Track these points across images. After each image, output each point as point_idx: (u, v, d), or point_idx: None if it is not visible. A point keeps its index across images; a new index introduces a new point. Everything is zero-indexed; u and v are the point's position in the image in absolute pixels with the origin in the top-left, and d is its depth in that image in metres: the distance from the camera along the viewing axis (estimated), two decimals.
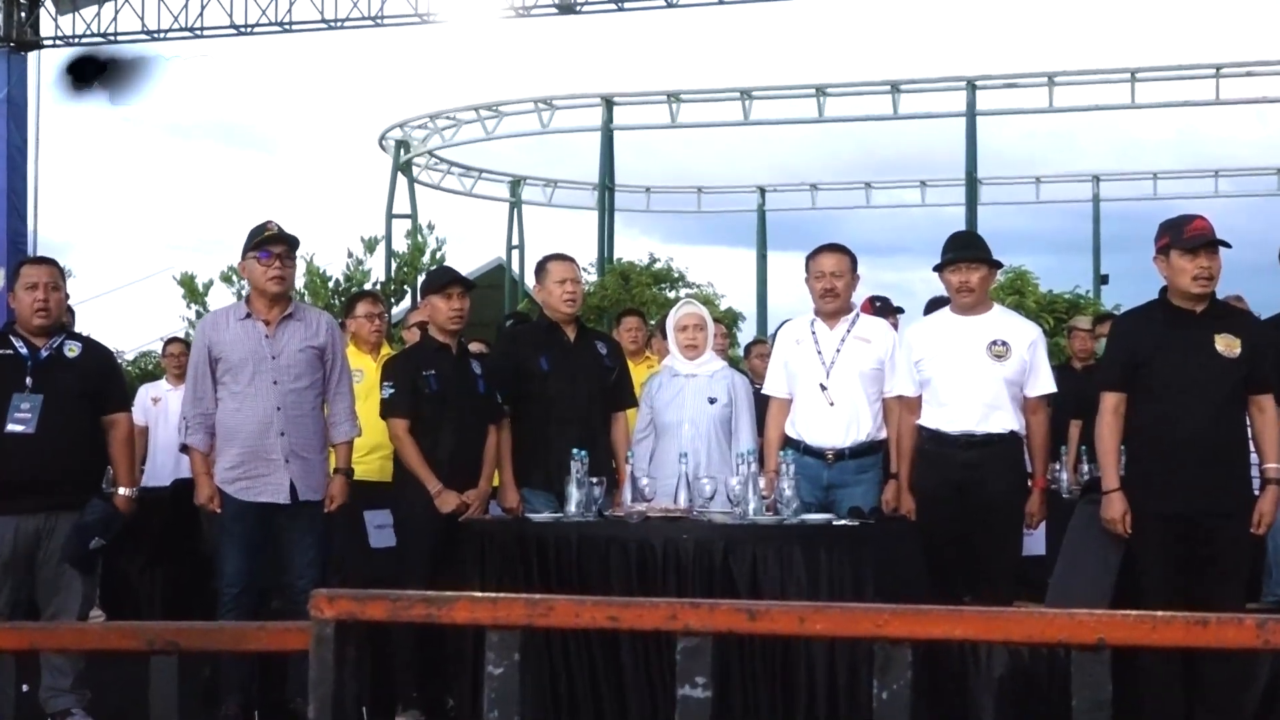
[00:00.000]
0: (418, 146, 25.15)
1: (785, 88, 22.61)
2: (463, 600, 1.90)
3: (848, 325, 5.54)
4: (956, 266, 5.22)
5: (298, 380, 5.16)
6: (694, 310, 5.99)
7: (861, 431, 5.45)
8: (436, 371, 5.53)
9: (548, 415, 5.70)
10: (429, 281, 5.80)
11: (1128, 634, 1.77)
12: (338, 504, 5.25)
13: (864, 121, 22.96)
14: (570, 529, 4.85)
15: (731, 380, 5.88)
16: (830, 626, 1.85)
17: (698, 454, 5.64)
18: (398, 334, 13.11)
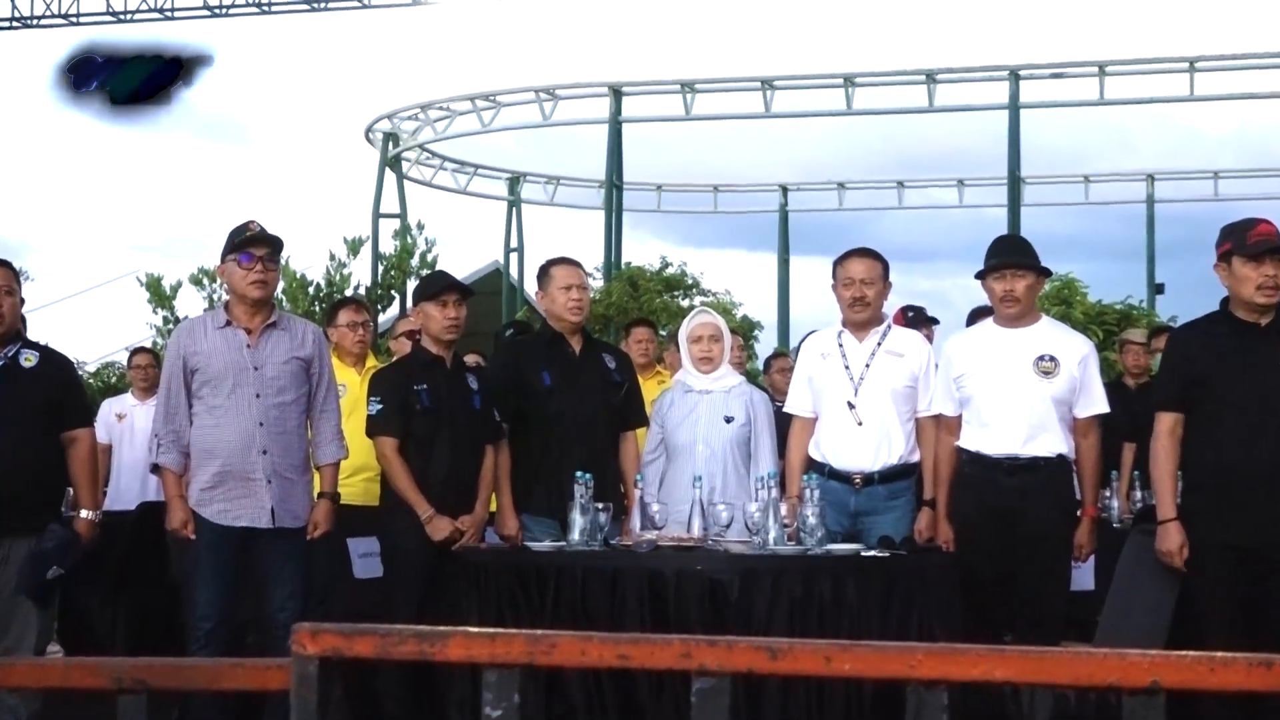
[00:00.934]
0: (407, 140, 25.22)
1: (810, 77, 22.65)
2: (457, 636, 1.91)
3: (878, 337, 5.55)
4: (1001, 273, 5.22)
5: (282, 394, 5.18)
6: (709, 320, 6.00)
7: (893, 454, 5.45)
8: (429, 386, 5.54)
9: (550, 435, 5.71)
10: (422, 287, 5.82)
11: (1184, 676, 1.77)
12: (322, 531, 5.26)
13: (896, 114, 22.98)
14: (574, 559, 4.85)
15: (750, 397, 5.89)
16: (859, 667, 1.85)
17: (713, 478, 5.64)
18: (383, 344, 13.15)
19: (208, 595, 5.05)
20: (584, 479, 5.06)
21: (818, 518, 4.84)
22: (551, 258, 5.98)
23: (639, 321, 8.48)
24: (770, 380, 8.96)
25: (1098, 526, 5.33)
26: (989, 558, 5.11)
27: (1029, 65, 21.79)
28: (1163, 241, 24.93)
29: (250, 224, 5.21)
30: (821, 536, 4.83)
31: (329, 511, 5.29)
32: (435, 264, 17.66)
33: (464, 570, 5.09)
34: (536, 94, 23.33)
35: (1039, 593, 5.09)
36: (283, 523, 5.12)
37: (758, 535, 4.83)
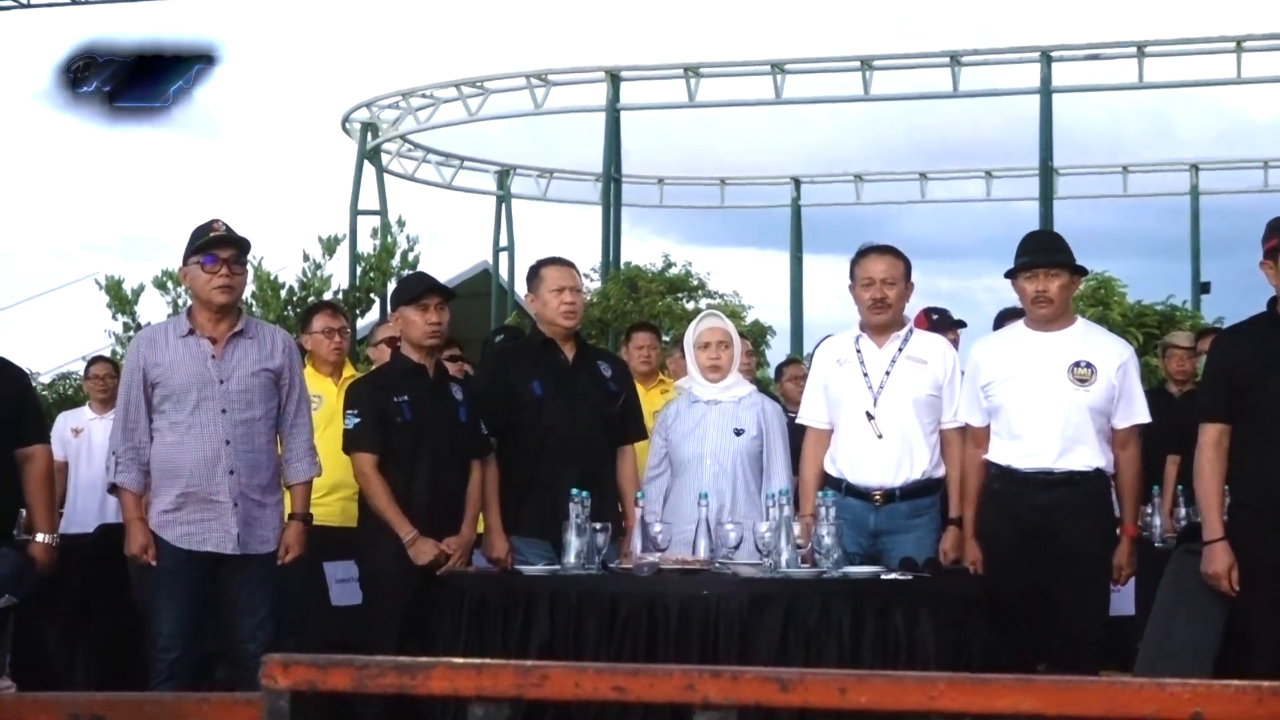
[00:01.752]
0: (388, 130, 25.25)
1: (825, 60, 22.66)
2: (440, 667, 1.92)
3: (899, 342, 5.55)
4: (1033, 272, 5.23)
5: (249, 409, 5.19)
6: (717, 324, 6.01)
7: (915, 469, 5.46)
8: (410, 397, 5.55)
9: (542, 449, 5.72)
10: (401, 290, 5.83)
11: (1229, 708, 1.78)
12: (294, 555, 5.26)
13: (918, 100, 23.00)
14: (569, 584, 4.86)
15: (761, 407, 5.89)
16: (877, 698, 1.85)
17: (721, 495, 5.65)
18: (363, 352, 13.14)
19: (170, 625, 5.05)
20: (579, 497, 5.07)
21: (834, 538, 4.84)
22: (543, 257, 5.98)
23: (639, 326, 8.49)
24: (783, 389, 8.97)
25: (1138, 546, 5.33)
26: (1020, 580, 5.11)
27: (1062, 46, 21.79)
28: (1208, 237, 24.94)
29: (214, 223, 5.22)
30: (838, 558, 4.83)
31: (301, 534, 5.29)
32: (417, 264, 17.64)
33: (449, 597, 5.10)
34: (527, 80, 23.35)
35: (1074, 618, 5.09)
36: (250, 548, 5.13)
37: (769, 557, 4.83)
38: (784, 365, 9.48)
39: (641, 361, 7.67)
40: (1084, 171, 25.33)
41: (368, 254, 18.51)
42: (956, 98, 22.29)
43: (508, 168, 27.22)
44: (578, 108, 23.89)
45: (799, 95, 22.78)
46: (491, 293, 25.92)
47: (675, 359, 7.87)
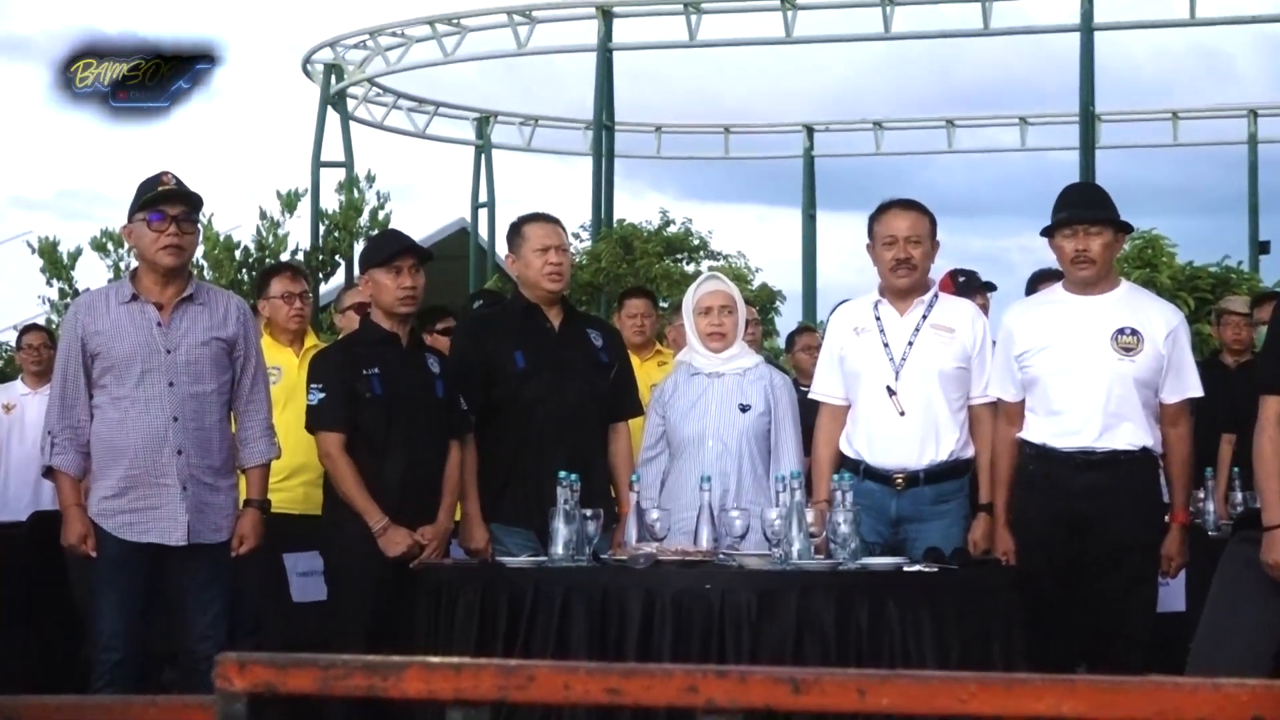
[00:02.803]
0: (354, 73, 25.18)
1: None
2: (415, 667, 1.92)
3: (924, 308, 5.55)
4: (1073, 230, 5.23)
5: (199, 382, 5.18)
6: (719, 287, 6.00)
7: (941, 449, 5.46)
8: (381, 369, 5.55)
9: (525, 427, 5.73)
10: (372, 250, 5.83)
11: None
12: (249, 546, 5.27)
13: (945, 39, 22.94)
14: (556, 577, 4.86)
15: (769, 381, 5.89)
16: (900, 701, 1.86)
17: (725, 478, 5.65)
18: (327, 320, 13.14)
19: (112, 624, 5.05)
20: (568, 480, 5.07)
21: (851, 526, 4.85)
22: (526, 214, 5.98)
23: (633, 291, 8.48)
24: (794, 360, 8.98)
25: (1190, 534, 5.34)
26: (1058, 573, 5.13)
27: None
28: (1267, 190, 24.89)
29: (163, 176, 5.20)
30: (856, 548, 4.83)
31: (257, 522, 5.29)
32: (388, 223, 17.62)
33: (424, 591, 5.10)
34: (509, 16, 23.27)
35: (1119, 614, 5.10)
36: (200, 538, 5.14)
37: (779, 547, 4.84)
38: (795, 334, 9.47)
39: (635, 330, 7.67)
40: (1129, 118, 25.28)
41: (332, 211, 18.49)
42: (987, 35, 22.22)
43: (487, 114, 27.16)
44: (566, 47, 23.82)
45: (812, 33, 22.70)
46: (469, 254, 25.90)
47: (675, 327, 7.87)
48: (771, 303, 23.18)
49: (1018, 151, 26.72)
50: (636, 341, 7.54)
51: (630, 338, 7.27)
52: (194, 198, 5.23)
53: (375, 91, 25.98)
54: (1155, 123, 25.69)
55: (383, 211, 18.02)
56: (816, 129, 26.67)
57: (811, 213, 26.13)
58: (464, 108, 27.18)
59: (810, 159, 26.42)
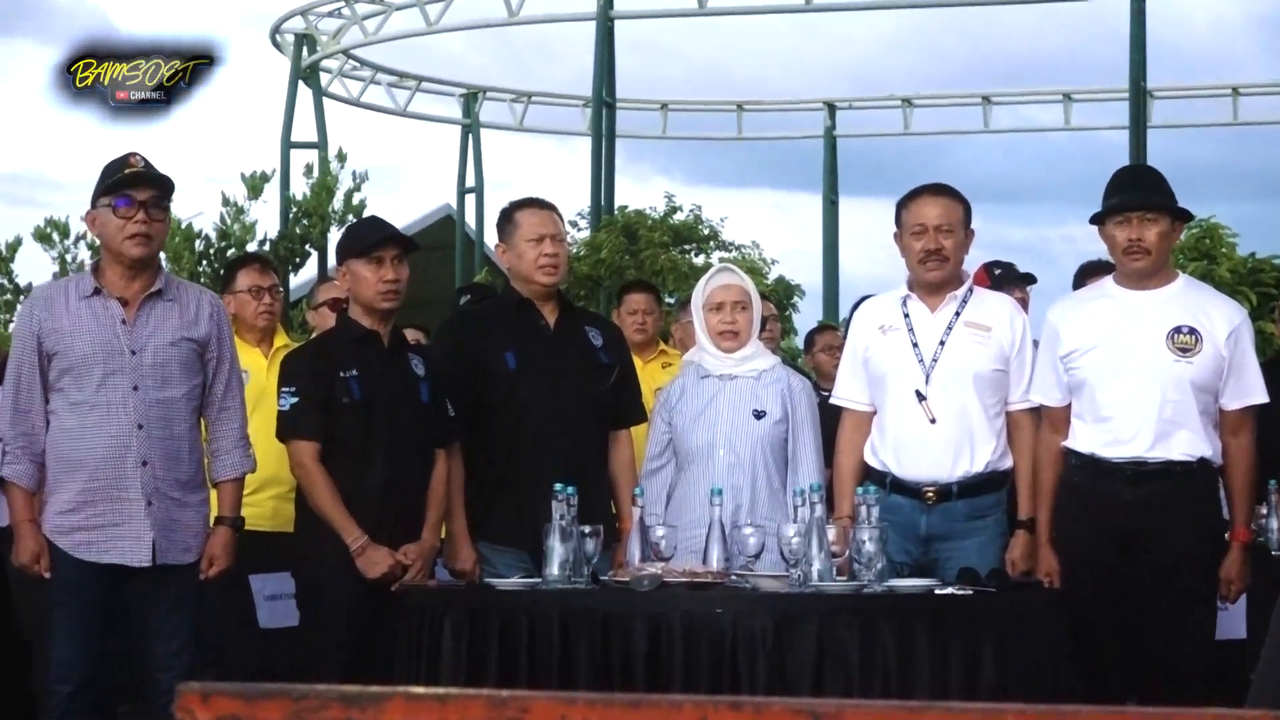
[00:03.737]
0: (328, 44, 25.19)
1: None
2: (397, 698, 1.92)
3: (957, 304, 5.56)
4: (1125, 217, 5.24)
5: (167, 386, 5.19)
6: (732, 281, 6.00)
7: (977, 459, 5.47)
8: (360, 371, 5.56)
9: (517, 435, 5.73)
10: (350, 240, 5.83)
11: None
12: (220, 568, 5.28)
13: (980, 5, 22.94)
14: (551, 600, 4.87)
15: (787, 384, 5.90)
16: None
17: (738, 491, 5.66)
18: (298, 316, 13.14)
19: (67, 652, 5.05)
20: (564, 494, 5.07)
21: (877, 544, 4.85)
22: (518, 199, 6.00)
23: (635, 285, 8.49)
24: (814, 362, 8.98)
25: (1251, 554, 5.34)
26: (1107, 595, 5.13)
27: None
28: None
29: (130, 157, 5.21)
30: (882, 569, 4.84)
31: (229, 542, 5.30)
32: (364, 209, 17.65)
33: (407, 616, 5.11)
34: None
35: (1173, 641, 5.11)
36: (167, 558, 5.13)
37: (797, 568, 4.84)
38: (815, 332, 9.48)
39: (636, 328, 7.68)
40: (1185, 93, 25.26)
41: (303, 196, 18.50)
42: (1027, 3, 22.23)
43: (475, 90, 27.16)
44: (562, 15, 23.80)
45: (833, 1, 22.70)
46: (456, 243, 25.91)
47: (682, 324, 7.87)
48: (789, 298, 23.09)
49: (1061, 131, 26.70)
50: (638, 340, 7.55)
51: (631, 336, 7.27)
52: (164, 181, 5.23)
53: (351, 65, 25.98)
54: (1213, 99, 25.66)
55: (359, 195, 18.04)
56: (839, 106, 26.65)
57: (833, 199, 26.12)
58: (449, 83, 27.18)
59: (832, 139, 26.41)
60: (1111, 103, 23.88)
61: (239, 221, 17.05)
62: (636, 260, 20.19)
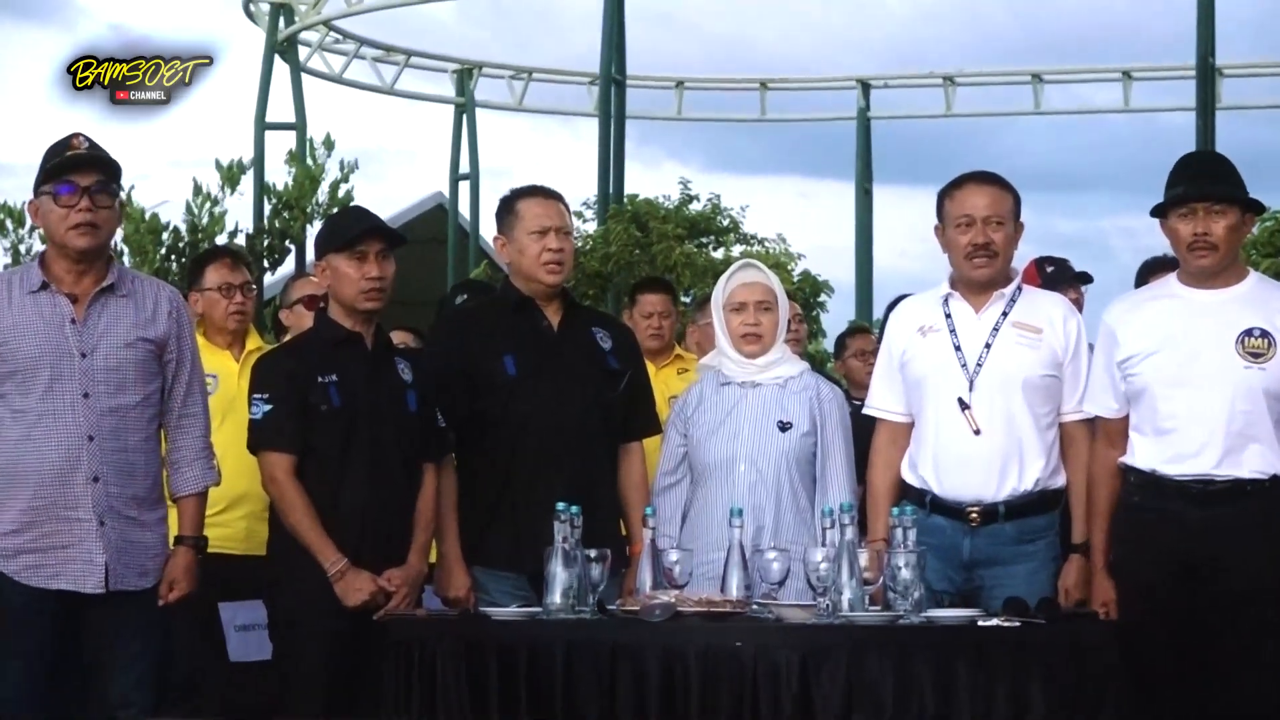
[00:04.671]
0: (307, 14, 25.21)
1: None
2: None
3: (1004, 304, 5.55)
4: (1190, 209, 5.23)
5: (121, 392, 5.18)
6: (757, 279, 5.99)
7: (1026, 476, 5.46)
8: (340, 377, 5.55)
9: (516, 448, 5.74)
10: (330, 232, 5.82)
11: None
12: (180, 592, 5.26)
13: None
14: (554, 632, 4.86)
15: (816, 392, 5.88)
16: None
17: (760, 511, 5.65)
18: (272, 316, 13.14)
19: (13, 688, 5.04)
20: (568, 513, 5.07)
21: (914, 571, 4.84)
22: (518, 188, 5.99)
23: (650, 283, 8.46)
24: (845, 368, 8.97)
25: None
26: (1169, 628, 5.11)
27: None
28: None
29: (72, 139, 5.20)
30: (920, 598, 4.82)
31: (191, 564, 5.29)
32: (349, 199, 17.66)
33: (392, 650, 5.10)
34: None
35: (1243, 680, 5.08)
36: (123, 583, 5.13)
37: (825, 596, 4.83)
38: (846, 335, 9.47)
39: (651, 333, 7.66)
40: (1256, 72, 25.24)
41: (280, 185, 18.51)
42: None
43: (470, 65, 27.19)
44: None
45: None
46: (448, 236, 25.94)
47: (699, 326, 7.86)
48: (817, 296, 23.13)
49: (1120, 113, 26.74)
50: (653, 346, 7.53)
51: (645, 341, 7.25)
52: (110, 165, 5.22)
53: (333, 37, 26.02)
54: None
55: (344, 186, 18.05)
56: (873, 85, 26.67)
57: (867, 187, 26.14)
58: (441, 57, 27.23)
59: (866, 121, 26.42)
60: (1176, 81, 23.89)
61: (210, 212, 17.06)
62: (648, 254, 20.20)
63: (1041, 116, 27.06)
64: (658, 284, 8.42)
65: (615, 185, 22.67)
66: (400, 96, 27.17)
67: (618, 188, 22.64)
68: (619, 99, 23.10)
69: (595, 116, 23.70)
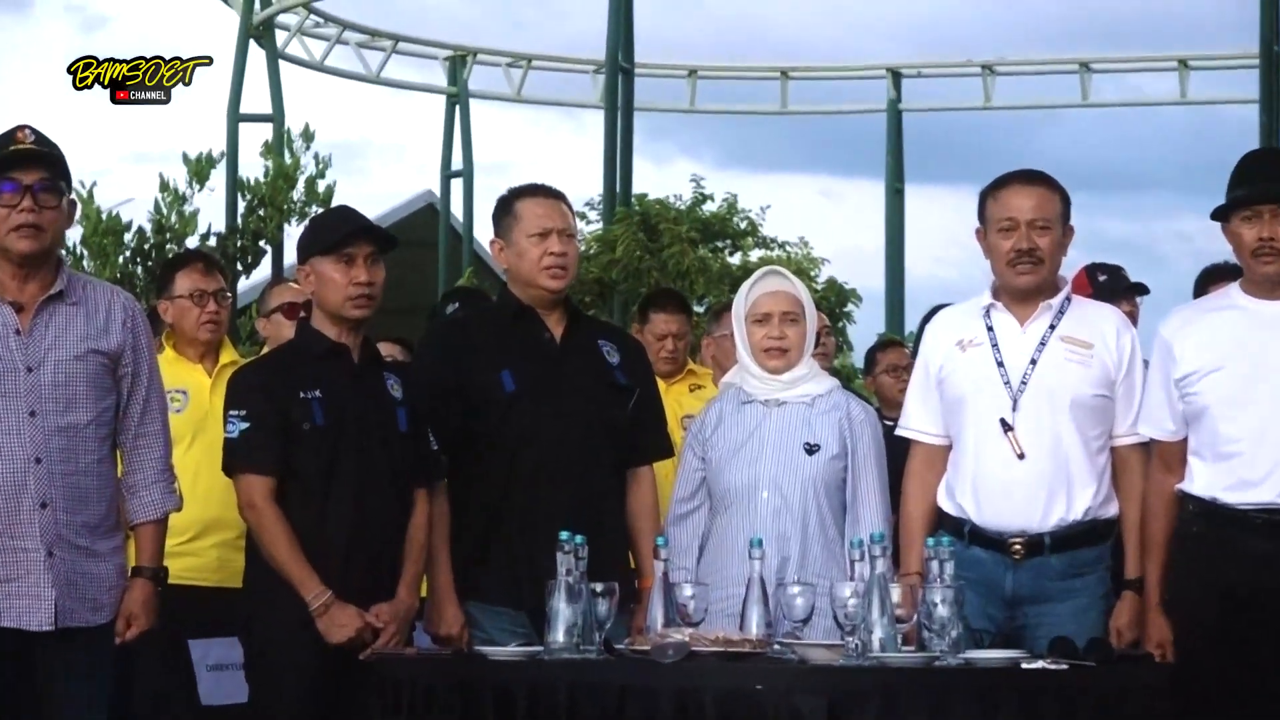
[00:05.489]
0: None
1: None
2: None
3: (1052, 315, 5.55)
4: (1254, 212, 5.23)
5: (72, 411, 5.17)
6: (782, 287, 5.99)
7: (1075, 504, 5.46)
8: (324, 393, 5.56)
9: (514, 472, 5.75)
10: (314, 234, 5.83)
11: None
12: (140, 628, 5.26)
13: None
14: (556, 673, 4.86)
15: (847, 412, 5.89)
16: None
17: (784, 542, 5.66)
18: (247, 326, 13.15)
19: None
20: (571, 544, 5.07)
21: (952, 607, 4.84)
22: (517, 186, 6.00)
23: (663, 298, 8.43)
24: (876, 385, 8.97)
25: None
26: (1230, 671, 5.11)
27: None
28: None
29: (16, 132, 5.19)
30: (958, 638, 4.82)
31: (150, 598, 5.28)
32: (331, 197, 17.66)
33: (379, 692, 5.11)
34: None
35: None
36: (73, 619, 5.12)
37: (855, 635, 4.83)
38: (877, 349, 9.46)
39: (665, 356, 7.66)
40: None
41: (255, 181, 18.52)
42: None
43: (463, 52, 27.22)
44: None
45: None
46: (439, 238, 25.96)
47: (714, 339, 7.85)
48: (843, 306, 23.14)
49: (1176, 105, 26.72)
50: (665, 370, 7.52)
51: (657, 365, 7.21)
52: (55, 160, 5.20)
53: (313, 21, 26.06)
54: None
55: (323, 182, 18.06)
56: (905, 73, 26.68)
57: (898, 186, 26.14)
58: (432, 43, 27.26)
59: (897, 113, 26.42)
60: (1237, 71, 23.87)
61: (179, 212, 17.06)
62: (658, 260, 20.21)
63: (1090, 109, 27.05)
64: (670, 299, 8.36)
65: (622, 184, 22.69)
66: (387, 86, 27.22)
67: (625, 186, 22.67)
68: (626, 89, 23.13)
69: (600, 108, 23.72)
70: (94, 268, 15.95)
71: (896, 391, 7.76)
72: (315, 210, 16.80)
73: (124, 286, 6.86)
